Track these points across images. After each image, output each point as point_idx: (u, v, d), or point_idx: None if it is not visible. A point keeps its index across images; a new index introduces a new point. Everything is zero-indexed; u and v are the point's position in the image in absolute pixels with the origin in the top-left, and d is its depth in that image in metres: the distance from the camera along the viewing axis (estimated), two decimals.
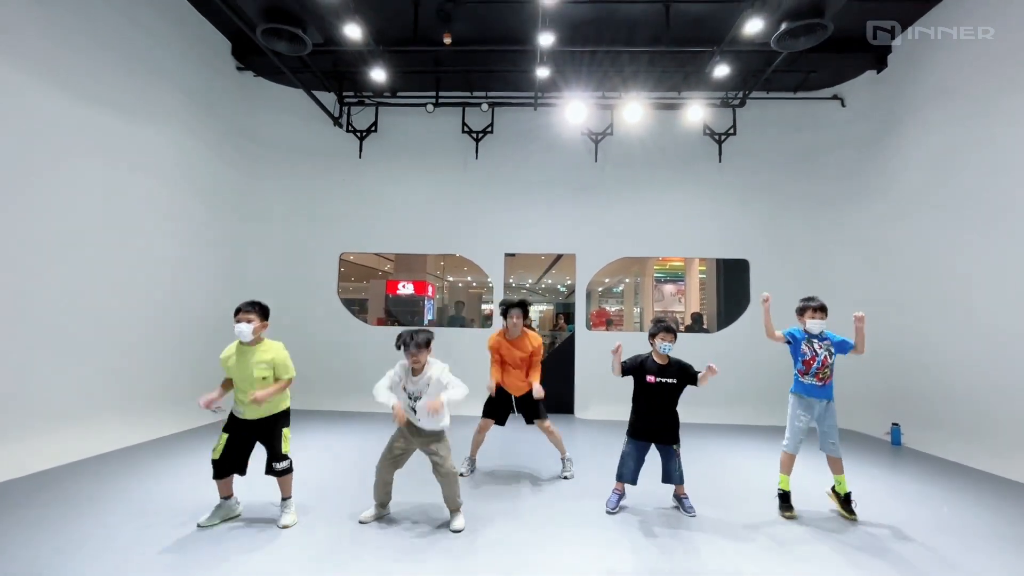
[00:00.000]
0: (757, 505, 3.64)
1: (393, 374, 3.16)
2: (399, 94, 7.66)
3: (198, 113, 6.28)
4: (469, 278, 18.90)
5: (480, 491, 3.83)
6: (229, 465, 3.08)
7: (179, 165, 5.93)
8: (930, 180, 5.84)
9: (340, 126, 7.64)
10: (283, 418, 3.23)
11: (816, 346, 3.55)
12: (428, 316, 13.32)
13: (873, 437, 6.17)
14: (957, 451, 5.16)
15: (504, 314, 4.23)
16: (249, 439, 3.14)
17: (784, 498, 3.51)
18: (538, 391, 4.08)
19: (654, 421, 3.50)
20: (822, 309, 3.61)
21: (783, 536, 3.11)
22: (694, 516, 3.38)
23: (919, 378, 5.84)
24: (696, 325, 8.60)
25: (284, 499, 3.20)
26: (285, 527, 3.06)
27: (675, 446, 3.49)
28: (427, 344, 3.12)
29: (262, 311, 3.19)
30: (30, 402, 4.17)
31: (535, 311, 21.81)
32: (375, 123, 7.69)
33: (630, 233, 7.45)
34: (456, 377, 3.15)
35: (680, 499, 3.53)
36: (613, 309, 19.50)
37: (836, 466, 3.52)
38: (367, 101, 7.66)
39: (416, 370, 3.13)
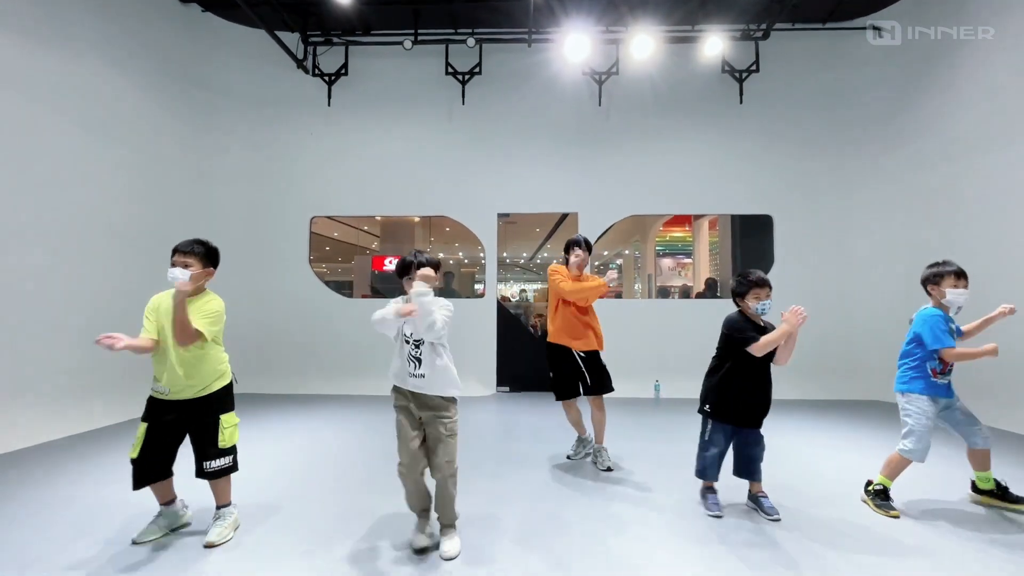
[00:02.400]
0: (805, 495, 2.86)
1: (386, 311, 2.23)
2: (372, 32, 6.66)
3: (133, 51, 5.28)
4: (461, 254, 17.99)
5: (486, 491, 3.01)
6: (152, 466, 2.27)
7: (107, 110, 4.95)
8: (982, 120, 5.03)
9: (305, 70, 6.63)
10: (224, 399, 2.41)
11: (954, 335, 2.75)
12: None
13: None
14: (1016, 420, 4.43)
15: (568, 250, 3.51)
16: (176, 427, 2.32)
17: (884, 494, 2.72)
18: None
19: (752, 399, 2.64)
20: (964, 275, 2.78)
21: (896, 535, 2.34)
22: (779, 520, 2.56)
23: (972, 342, 5.08)
24: (710, 292, 7.80)
25: (220, 507, 2.40)
26: (210, 545, 2.24)
27: (761, 431, 2.68)
28: (437, 266, 2.27)
29: (208, 254, 2.39)
30: None
31: (530, 288, 21.01)
32: (345, 66, 6.68)
33: (638, 188, 6.58)
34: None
35: (758, 499, 2.68)
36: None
37: (981, 461, 2.74)
38: (335, 40, 6.64)
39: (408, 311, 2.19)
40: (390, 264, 12.35)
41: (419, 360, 2.23)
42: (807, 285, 6.33)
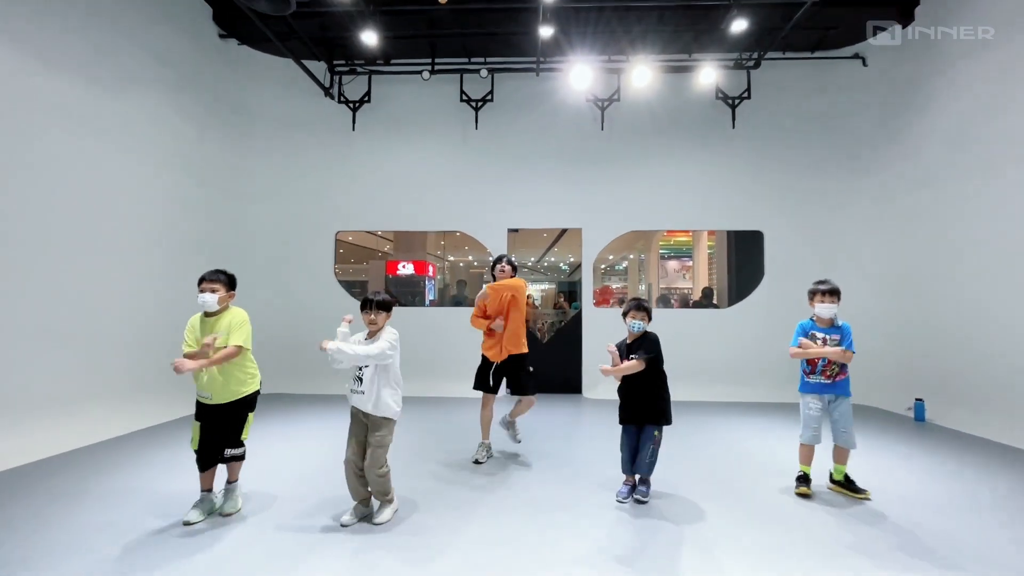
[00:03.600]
0: (765, 484, 3.41)
1: (347, 332, 2.89)
2: (392, 61, 7.24)
3: (178, 84, 5.89)
4: (471, 257, 18.57)
5: (464, 477, 3.59)
6: (210, 454, 2.87)
7: (158, 140, 5.57)
8: (958, 143, 5.48)
9: (332, 97, 7.23)
10: (250, 403, 3.00)
11: (820, 343, 3.33)
12: (429, 296, 13.06)
13: (894, 413, 5.94)
14: (986, 427, 4.92)
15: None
16: (219, 424, 2.90)
17: (803, 479, 3.34)
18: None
19: (634, 401, 3.25)
20: (832, 293, 3.36)
21: (784, 512, 2.88)
22: (645, 502, 3.13)
23: (946, 352, 5.58)
24: (706, 300, 8.31)
25: (230, 482, 3.00)
26: (225, 514, 2.87)
27: (656, 430, 3.20)
28: (386, 307, 2.90)
29: (229, 280, 2.97)
30: (10, 395, 3.92)
31: (536, 290, 21.54)
32: (368, 93, 7.28)
33: (639, 205, 7.11)
34: (395, 350, 2.87)
35: (638, 485, 3.25)
36: (616, 287, 19.23)
37: (841, 456, 3.35)
38: (359, 70, 7.23)
39: (371, 332, 2.90)
40: (404, 269, 12.99)
41: (360, 379, 2.82)
42: (795, 297, 6.80)
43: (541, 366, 6.95)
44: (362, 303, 2.92)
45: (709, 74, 6.65)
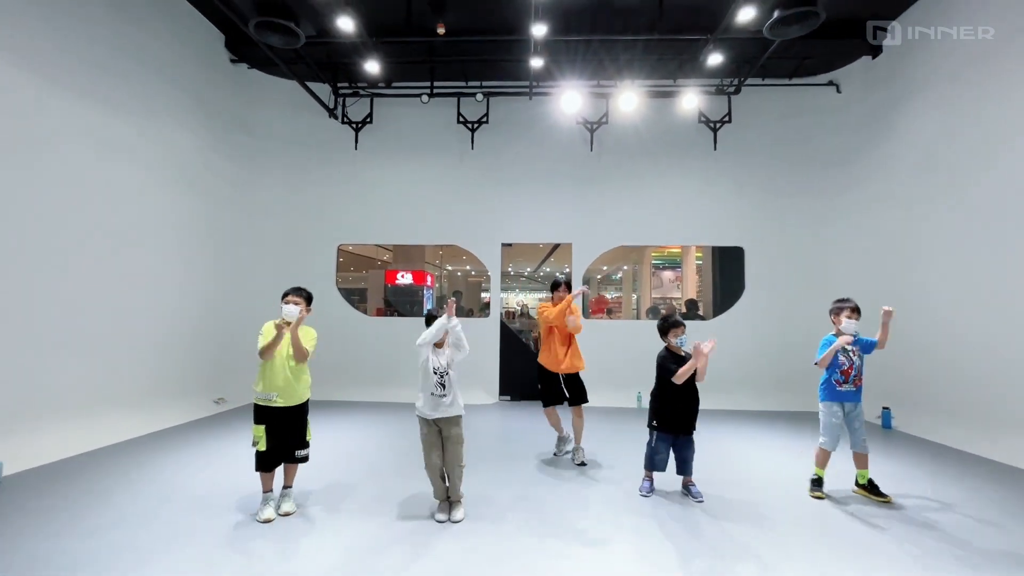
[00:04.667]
0: (758, 490, 3.75)
1: (424, 349, 3.28)
2: (394, 84, 7.65)
3: (192, 107, 6.29)
4: (468, 267, 18.95)
5: (488, 479, 3.93)
6: (275, 455, 3.17)
7: (174, 159, 5.96)
8: (923, 165, 5.87)
9: (335, 117, 7.64)
10: (308, 407, 3.34)
11: (851, 353, 3.64)
12: (428, 305, 13.39)
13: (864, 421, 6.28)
14: (947, 434, 5.27)
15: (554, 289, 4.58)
16: (285, 427, 3.20)
17: (817, 482, 3.64)
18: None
19: (684, 413, 3.57)
20: (857, 310, 3.67)
21: (758, 513, 3.23)
22: (703, 501, 3.47)
23: (912, 362, 5.94)
24: (692, 312, 8.68)
25: (286, 487, 3.30)
26: (287, 514, 3.16)
27: (692, 435, 3.59)
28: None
29: (308, 297, 3.38)
30: (41, 396, 4.27)
31: (532, 299, 21.90)
32: (370, 114, 7.69)
33: (626, 222, 7.50)
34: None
35: (689, 487, 3.62)
36: (612, 296, 19.59)
37: (863, 462, 3.64)
38: (362, 92, 7.65)
39: (441, 343, 3.29)
40: (403, 278, 13.34)
41: (443, 385, 3.20)
42: (775, 310, 7.21)
43: (531, 375, 7.31)
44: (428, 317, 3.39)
45: (692, 99, 7.06)
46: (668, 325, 3.62)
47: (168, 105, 5.91)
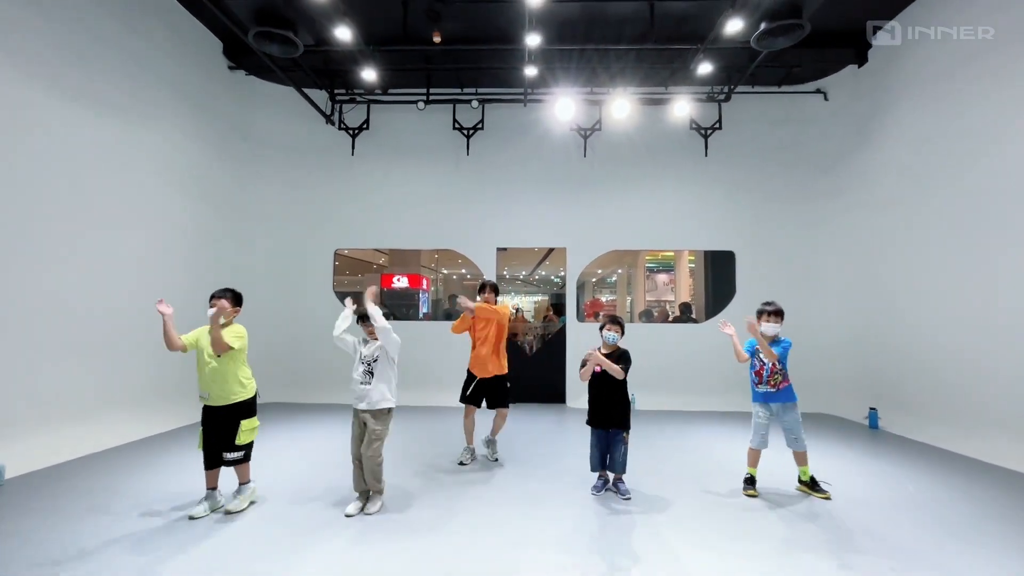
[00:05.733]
0: (728, 488, 3.86)
1: (351, 339, 3.53)
2: (390, 91, 7.76)
3: (191, 113, 6.37)
4: (464, 271, 19.02)
5: (450, 476, 4.03)
6: (211, 455, 3.24)
7: (174, 165, 6.03)
8: (908, 171, 6.03)
9: (332, 124, 7.74)
10: (243, 409, 3.30)
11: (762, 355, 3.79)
12: (424, 309, 13.48)
13: (851, 421, 6.43)
14: (932, 434, 5.40)
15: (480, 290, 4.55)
16: (217, 429, 3.26)
17: (749, 480, 3.78)
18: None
19: (603, 408, 3.71)
20: (776, 313, 3.84)
21: (738, 511, 3.34)
22: (629, 499, 3.57)
23: (897, 364, 6.08)
24: (685, 315, 8.81)
25: (241, 484, 3.36)
26: (228, 512, 3.21)
27: (624, 433, 3.69)
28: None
29: (234, 297, 3.39)
30: (33, 400, 4.33)
31: (529, 301, 22.00)
32: (367, 120, 7.79)
33: (619, 226, 7.63)
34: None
35: (617, 484, 3.73)
36: (607, 299, 19.72)
37: (800, 459, 3.78)
38: (359, 99, 7.75)
39: (371, 333, 3.48)
40: (399, 282, 13.42)
41: (371, 373, 3.40)
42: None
43: (527, 377, 7.43)
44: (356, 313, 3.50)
45: (683, 106, 7.21)
46: (604, 321, 3.88)
47: (166, 111, 5.98)
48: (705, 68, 6.38)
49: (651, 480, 4.00)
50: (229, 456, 3.26)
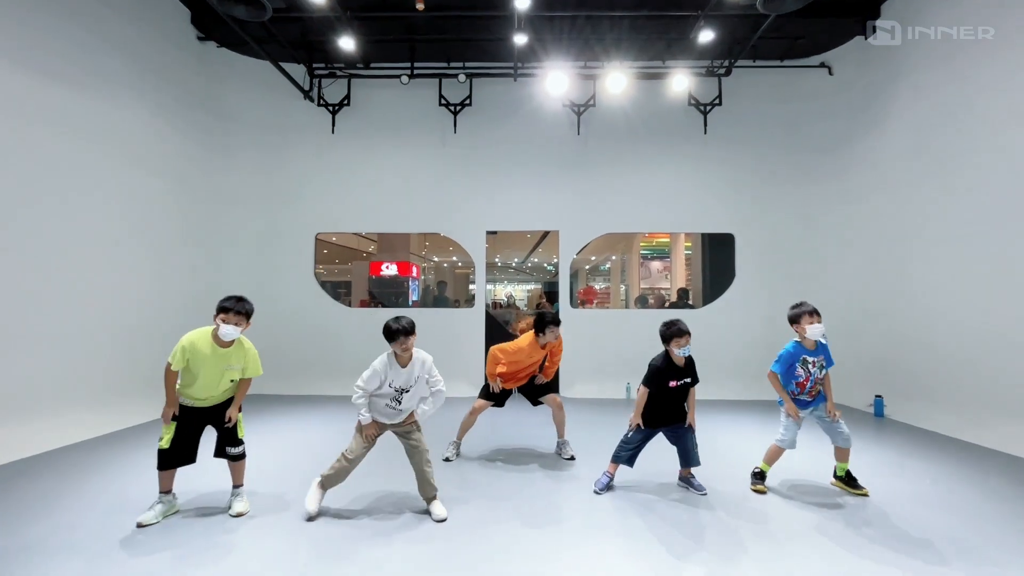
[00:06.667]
0: (742, 482, 3.58)
1: (377, 370, 2.94)
2: (372, 65, 7.32)
3: (157, 86, 5.92)
4: (455, 258, 18.66)
5: (462, 475, 3.72)
6: (178, 455, 2.90)
7: (137, 142, 5.60)
8: (915, 148, 5.73)
9: (311, 100, 7.30)
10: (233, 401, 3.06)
11: (810, 365, 3.35)
12: (413, 297, 13.13)
13: (857, 410, 6.18)
14: (939, 422, 5.17)
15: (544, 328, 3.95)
16: (199, 425, 2.97)
17: (759, 475, 3.48)
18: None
19: (670, 411, 3.38)
20: (816, 313, 3.32)
21: (768, 512, 3.05)
22: (705, 494, 3.30)
23: (904, 350, 5.83)
24: (682, 301, 8.52)
25: (236, 487, 3.06)
26: (239, 514, 2.92)
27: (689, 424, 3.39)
28: (414, 329, 2.97)
29: (249, 315, 3.00)
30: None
31: (522, 290, 21.71)
32: (348, 96, 7.36)
33: (614, 208, 7.28)
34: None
35: (688, 479, 3.45)
36: (600, 287, 19.45)
37: (841, 455, 3.44)
38: (338, 73, 7.31)
39: (404, 360, 2.97)
40: (387, 269, 13.04)
41: (400, 401, 3.02)
42: (763, 298, 7.06)
43: None
44: (391, 331, 2.91)
45: (682, 81, 6.85)
46: (671, 333, 3.27)
47: (129, 84, 5.54)
48: (706, 36, 6.03)
49: (656, 475, 3.71)
50: (234, 451, 3.00)
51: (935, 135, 5.46)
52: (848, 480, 3.43)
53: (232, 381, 2.97)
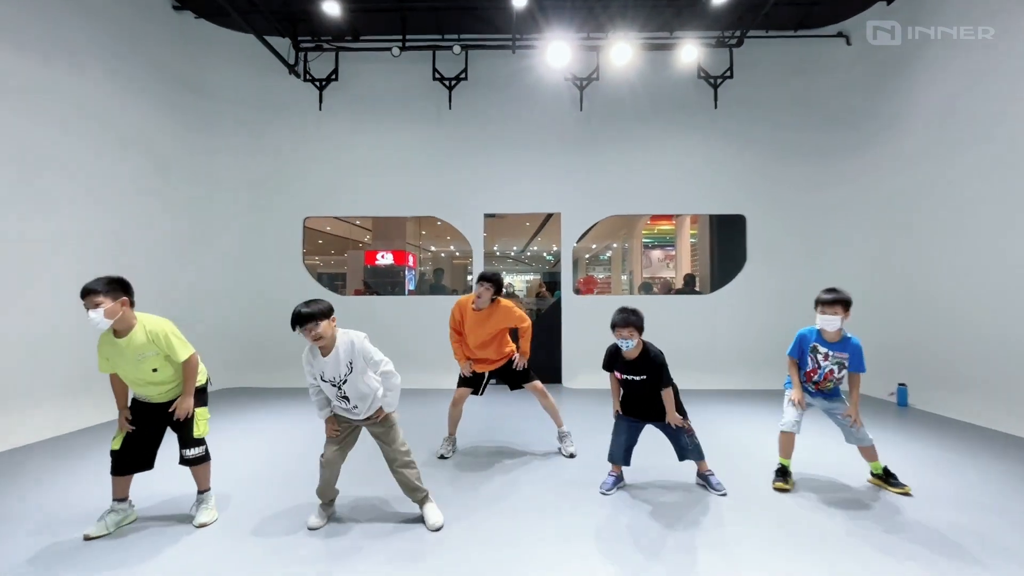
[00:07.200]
0: (756, 477, 3.23)
1: (304, 364, 2.59)
2: (361, 37, 6.87)
3: (127, 58, 5.47)
4: (452, 247, 18.26)
5: (456, 474, 3.36)
6: (133, 458, 2.54)
7: (107, 118, 5.17)
8: (941, 124, 5.34)
9: (297, 75, 6.85)
10: (197, 396, 2.67)
11: (820, 357, 3.05)
12: (409, 286, 12.76)
13: (877, 399, 5.84)
14: (967, 410, 4.83)
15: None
16: (158, 424, 2.61)
17: (781, 472, 3.12)
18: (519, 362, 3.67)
19: (642, 405, 3.05)
20: (836, 303, 2.95)
21: (781, 508, 2.70)
22: (725, 495, 2.95)
23: (929, 335, 5.47)
24: (688, 287, 8.16)
25: (201, 492, 2.69)
26: (202, 525, 2.56)
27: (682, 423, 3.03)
28: (323, 315, 2.47)
29: (111, 287, 2.44)
30: None
31: (522, 280, 21.34)
32: (335, 71, 6.91)
33: (619, 189, 6.88)
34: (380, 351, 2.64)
35: (706, 477, 3.08)
36: (601, 276, 19.10)
37: (868, 455, 3.11)
38: (326, 46, 6.86)
39: (324, 349, 2.53)
40: (383, 258, 12.66)
41: (348, 398, 2.59)
42: (776, 282, 6.69)
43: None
44: (293, 321, 2.44)
45: (691, 52, 6.43)
46: (611, 323, 2.95)
47: (98, 55, 5.10)
48: (717, 1, 5.58)
49: (664, 469, 3.36)
50: (190, 453, 2.60)
51: (962, 106, 5.08)
52: (886, 477, 3.09)
53: (154, 370, 2.53)
